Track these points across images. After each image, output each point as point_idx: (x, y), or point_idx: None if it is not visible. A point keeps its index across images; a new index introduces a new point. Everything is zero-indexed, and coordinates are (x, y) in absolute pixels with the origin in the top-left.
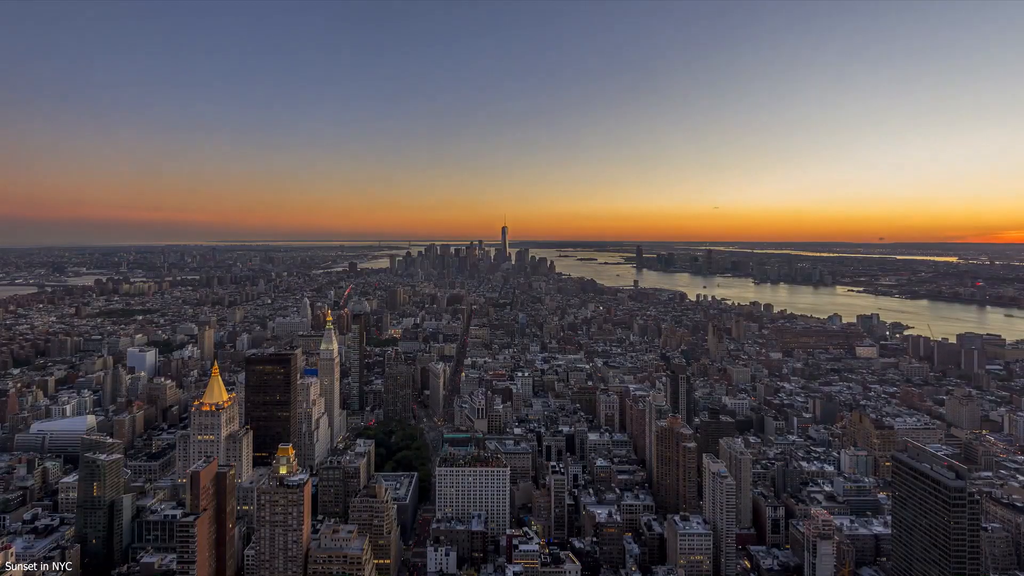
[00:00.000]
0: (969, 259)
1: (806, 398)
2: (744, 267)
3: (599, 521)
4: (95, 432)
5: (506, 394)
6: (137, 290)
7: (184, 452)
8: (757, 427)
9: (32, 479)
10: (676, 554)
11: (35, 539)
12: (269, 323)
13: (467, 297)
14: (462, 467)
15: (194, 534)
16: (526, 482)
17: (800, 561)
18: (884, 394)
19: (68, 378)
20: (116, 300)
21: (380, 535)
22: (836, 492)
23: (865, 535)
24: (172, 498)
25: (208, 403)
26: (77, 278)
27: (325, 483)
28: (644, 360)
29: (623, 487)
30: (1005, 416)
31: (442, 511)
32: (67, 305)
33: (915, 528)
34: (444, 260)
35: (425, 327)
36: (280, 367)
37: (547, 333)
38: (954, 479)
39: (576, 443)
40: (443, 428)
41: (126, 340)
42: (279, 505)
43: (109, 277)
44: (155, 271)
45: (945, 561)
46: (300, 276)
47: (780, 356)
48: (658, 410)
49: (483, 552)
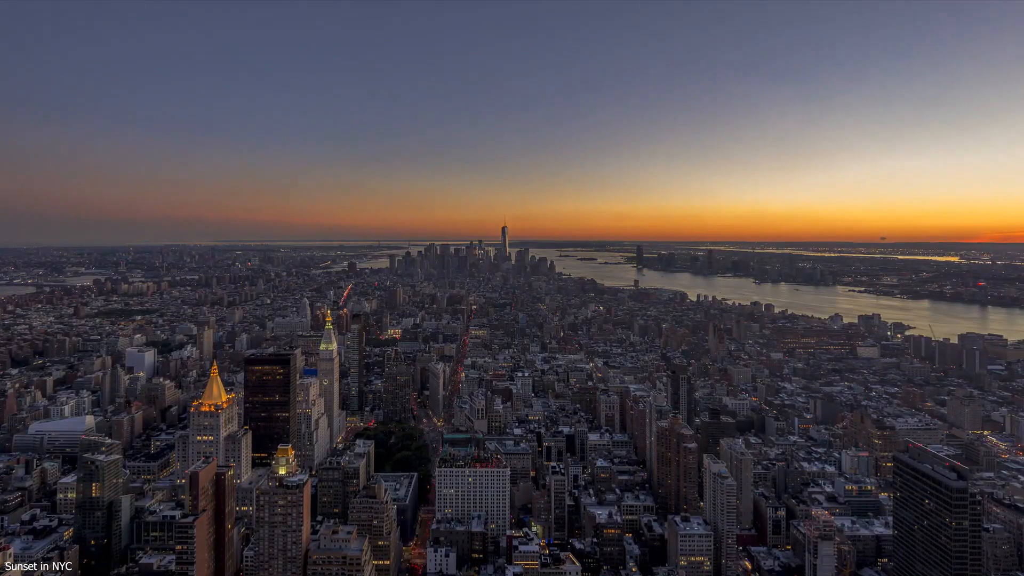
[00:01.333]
0: (971, 259)
1: (807, 398)
2: (745, 267)
3: (599, 522)
4: (94, 433)
5: (506, 394)
6: (136, 290)
7: (183, 453)
8: (758, 427)
9: (30, 480)
10: (677, 555)
11: (33, 540)
12: (268, 323)
13: (467, 297)
14: (462, 467)
15: (193, 535)
16: (526, 483)
17: (801, 562)
18: (885, 394)
19: (67, 378)
20: (115, 300)
21: (380, 536)
22: (837, 493)
23: (866, 536)
24: (171, 499)
25: (207, 403)
26: (76, 278)
27: (324, 484)
28: (644, 360)
29: (623, 488)
30: (1007, 416)
31: (442, 512)
32: (65, 305)
33: (916, 529)
34: (444, 260)
35: (425, 327)
36: (279, 367)
37: (547, 333)
38: (955, 480)
39: (576, 443)
40: (443, 428)
41: (125, 340)
42: (278, 506)
43: (108, 277)
44: (154, 271)
45: (946, 562)
46: (299, 276)
47: (781, 356)
48: (658, 410)
49: (483, 553)
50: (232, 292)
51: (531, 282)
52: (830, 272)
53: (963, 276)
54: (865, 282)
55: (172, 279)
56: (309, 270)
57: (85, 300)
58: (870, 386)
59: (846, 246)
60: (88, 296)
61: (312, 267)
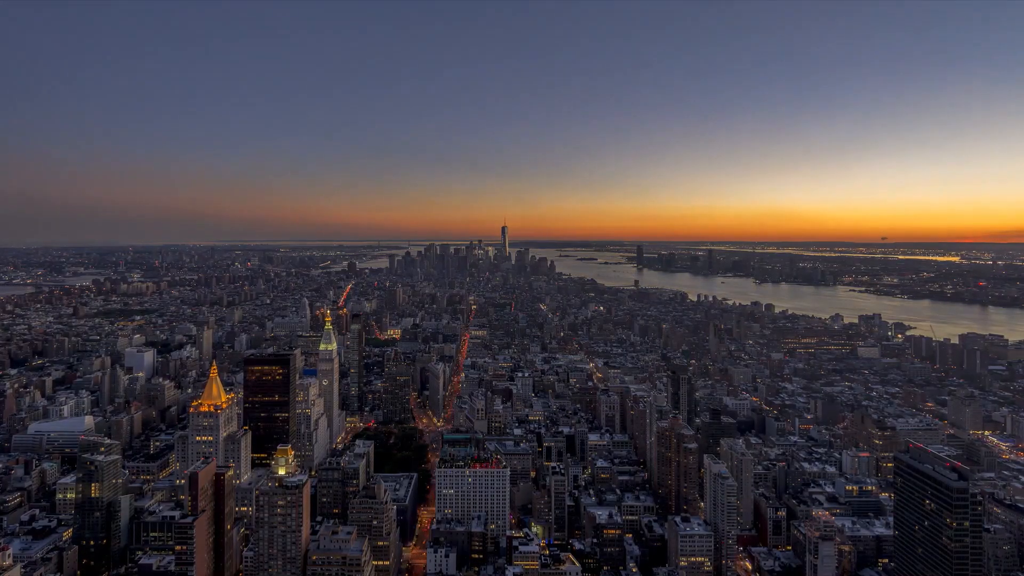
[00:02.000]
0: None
1: (808, 399)
2: (745, 267)
3: (599, 522)
4: (93, 433)
5: (506, 395)
6: (135, 290)
7: (182, 453)
8: (758, 428)
9: (30, 480)
10: (677, 555)
11: (32, 540)
12: (268, 323)
13: (467, 297)
14: (462, 468)
15: (192, 535)
16: (526, 483)
17: (802, 563)
18: (886, 395)
19: (66, 378)
20: (114, 300)
21: (379, 536)
22: (838, 493)
23: (867, 536)
24: (170, 499)
25: (206, 404)
26: (75, 278)
27: (324, 484)
28: (645, 360)
29: (623, 488)
30: (1008, 417)
31: (442, 512)
32: (65, 305)
33: (917, 530)
34: (444, 260)
35: (425, 327)
36: (279, 367)
37: (547, 333)
38: (956, 480)
39: (576, 444)
40: (443, 429)
41: (124, 340)
42: (278, 506)
43: (107, 277)
44: (153, 271)
45: (947, 563)
46: (299, 276)
47: (781, 356)
48: (659, 411)
49: (483, 553)
50: (232, 292)
51: (531, 282)
52: (831, 272)
53: (964, 276)
54: (866, 282)
55: (171, 279)
56: (309, 270)
57: (84, 300)
58: (871, 386)
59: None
60: (87, 296)
61: (312, 267)
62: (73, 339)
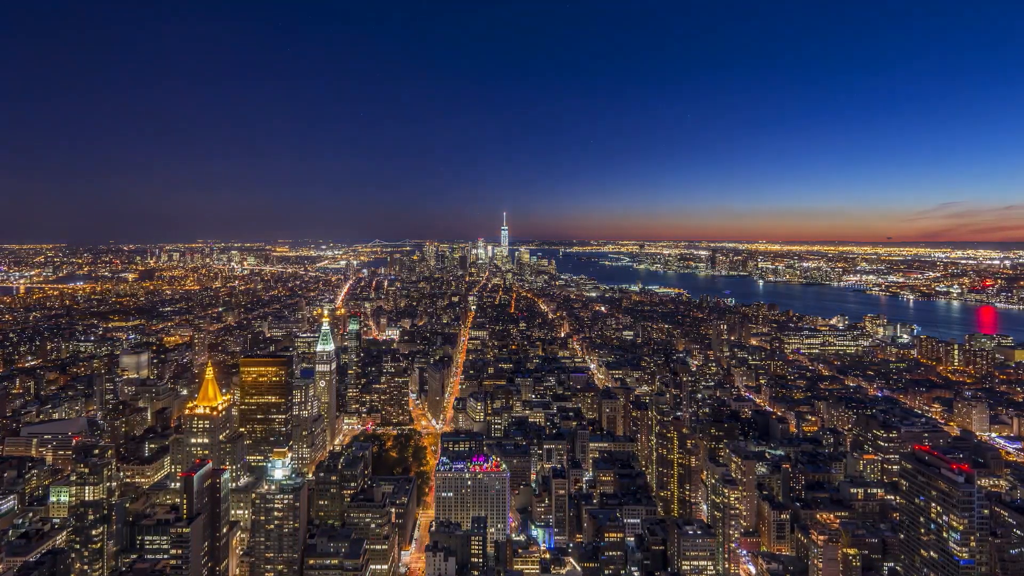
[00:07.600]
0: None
1: (812, 400)
2: (748, 266)
3: (600, 525)
4: (87, 435)
5: (506, 396)
6: (131, 290)
7: (178, 455)
8: (761, 429)
9: (23, 483)
10: (678, 559)
11: (26, 544)
12: (265, 324)
13: (466, 297)
14: (461, 470)
15: (188, 538)
16: (526, 485)
17: (805, 566)
18: (892, 396)
19: (60, 379)
20: (110, 300)
21: (377, 540)
22: (842, 496)
23: (871, 540)
24: (166, 502)
25: (202, 405)
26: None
27: (321, 487)
28: (647, 361)
29: (625, 490)
30: (1015, 419)
31: (440, 515)
32: (59, 305)
33: (923, 532)
34: (443, 260)
35: (423, 328)
36: (276, 368)
37: (548, 334)
38: (963, 483)
39: (577, 446)
40: (442, 431)
41: (119, 341)
42: (275, 509)
43: (102, 276)
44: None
45: (953, 567)
46: (296, 276)
47: (785, 357)
48: (660, 412)
49: (482, 557)
50: (228, 292)
51: (531, 282)
52: (835, 271)
53: (970, 275)
54: (871, 281)
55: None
56: (306, 269)
57: (79, 300)
58: (876, 387)
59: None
60: (82, 296)
61: (310, 267)
62: (67, 340)
